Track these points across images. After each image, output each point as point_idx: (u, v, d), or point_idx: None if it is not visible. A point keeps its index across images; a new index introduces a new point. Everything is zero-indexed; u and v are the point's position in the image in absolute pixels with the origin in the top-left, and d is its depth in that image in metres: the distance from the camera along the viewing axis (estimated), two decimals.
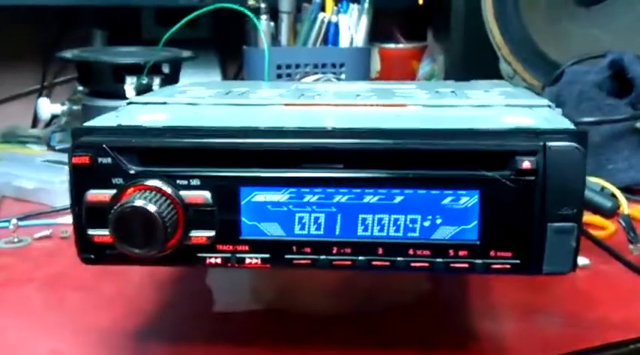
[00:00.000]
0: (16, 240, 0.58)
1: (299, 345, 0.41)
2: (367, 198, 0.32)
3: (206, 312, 0.45)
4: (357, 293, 0.44)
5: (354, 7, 0.84)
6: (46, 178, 0.69)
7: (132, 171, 0.32)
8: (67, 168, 0.71)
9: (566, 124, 0.33)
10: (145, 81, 0.75)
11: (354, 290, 0.44)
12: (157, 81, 0.76)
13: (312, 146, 0.32)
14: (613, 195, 0.53)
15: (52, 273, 0.51)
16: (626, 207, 0.52)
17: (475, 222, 0.31)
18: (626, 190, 0.67)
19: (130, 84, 0.75)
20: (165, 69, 0.80)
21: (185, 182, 0.32)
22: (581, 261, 0.50)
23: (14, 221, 0.59)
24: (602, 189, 0.54)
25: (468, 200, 0.31)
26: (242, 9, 0.73)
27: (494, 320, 0.44)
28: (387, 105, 0.40)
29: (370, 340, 0.42)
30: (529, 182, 0.30)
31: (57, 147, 0.87)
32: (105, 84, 0.77)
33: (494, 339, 0.42)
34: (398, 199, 0.32)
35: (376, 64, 1.06)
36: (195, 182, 0.32)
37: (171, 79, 0.80)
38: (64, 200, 0.62)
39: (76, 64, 0.81)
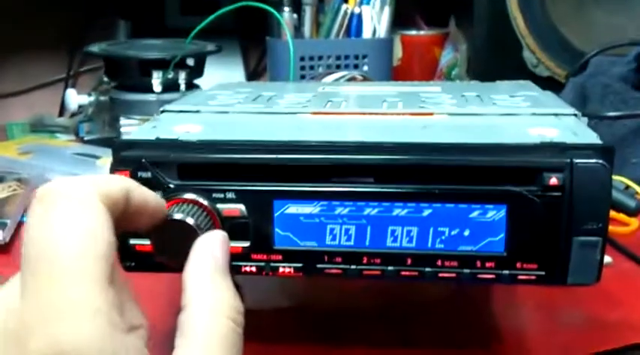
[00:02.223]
0: None
1: (326, 342, 0.42)
2: (396, 211, 0.33)
3: None
4: (383, 290, 0.45)
5: None
6: (79, 172, 0.71)
7: (171, 185, 0.33)
8: (97, 162, 0.73)
9: (592, 138, 0.34)
10: (171, 75, 0.77)
11: (381, 287, 0.45)
12: (182, 75, 0.77)
13: (343, 161, 0.33)
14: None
15: None
16: None
17: (502, 235, 0.32)
18: None
19: (156, 78, 0.76)
20: (191, 62, 0.80)
21: (221, 195, 0.33)
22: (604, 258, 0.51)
23: None
24: (627, 187, 0.54)
25: (496, 214, 0.32)
26: (265, 6, 0.73)
27: (517, 319, 0.45)
28: (414, 113, 0.41)
29: (396, 338, 0.43)
30: (555, 197, 0.31)
31: (85, 138, 0.89)
32: (132, 78, 0.78)
33: (518, 340, 0.43)
34: (426, 212, 0.33)
35: (398, 52, 1.06)
36: (230, 195, 0.33)
37: (196, 73, 0.81)
38: None
39: (103, 58, 0.82)
